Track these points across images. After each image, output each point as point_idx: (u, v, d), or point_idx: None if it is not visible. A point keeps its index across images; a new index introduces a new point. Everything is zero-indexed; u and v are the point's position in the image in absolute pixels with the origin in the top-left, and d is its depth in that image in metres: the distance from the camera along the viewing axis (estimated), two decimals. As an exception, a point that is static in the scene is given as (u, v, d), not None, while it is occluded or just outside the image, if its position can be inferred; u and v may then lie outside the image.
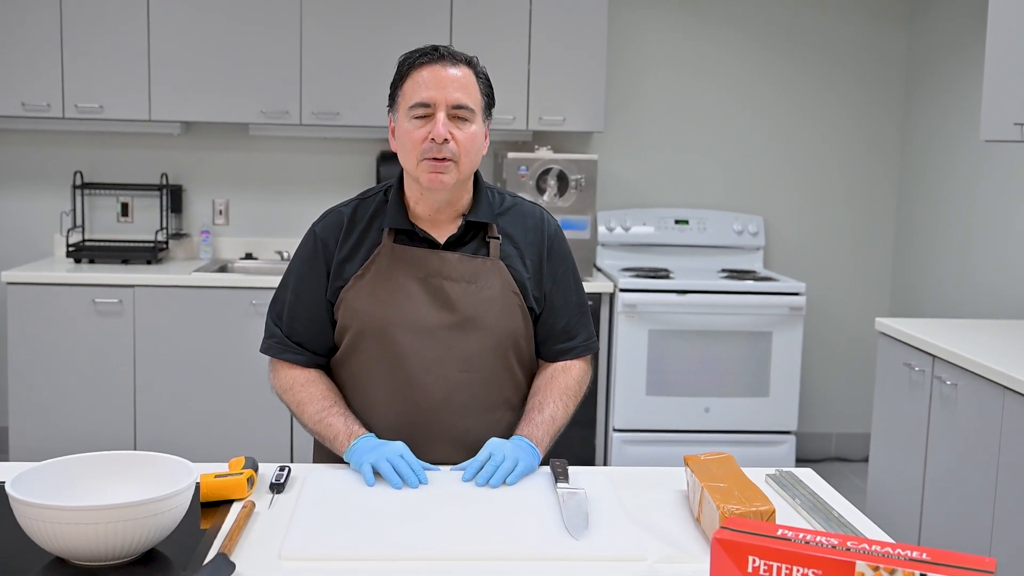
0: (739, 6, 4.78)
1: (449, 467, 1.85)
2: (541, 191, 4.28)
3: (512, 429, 1.95)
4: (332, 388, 1.98)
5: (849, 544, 1.23)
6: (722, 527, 1.29)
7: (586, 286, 2.09)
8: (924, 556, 1.20)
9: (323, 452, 1.98)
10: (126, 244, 4.59)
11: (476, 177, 1.98)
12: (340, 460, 1.89)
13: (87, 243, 4.58)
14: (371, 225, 1.96)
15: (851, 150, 4.90)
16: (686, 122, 4.83)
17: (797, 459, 4.70)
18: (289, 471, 1.81)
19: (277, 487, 1.75)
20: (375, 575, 1.44)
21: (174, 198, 4.63)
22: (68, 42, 4.23)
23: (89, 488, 1.55)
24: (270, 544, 1.53)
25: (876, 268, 4.96)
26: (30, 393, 4.13)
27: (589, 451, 4.34)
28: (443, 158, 1.83)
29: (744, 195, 4.88)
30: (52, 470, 1.55)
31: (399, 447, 1.82)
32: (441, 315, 1.91)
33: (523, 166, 4.27)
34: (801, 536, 1.25)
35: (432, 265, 1.92)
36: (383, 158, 4.54)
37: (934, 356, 3.17)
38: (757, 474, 1.87)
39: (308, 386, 1.96)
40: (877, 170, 4.91)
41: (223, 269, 4.51)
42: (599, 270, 4.61)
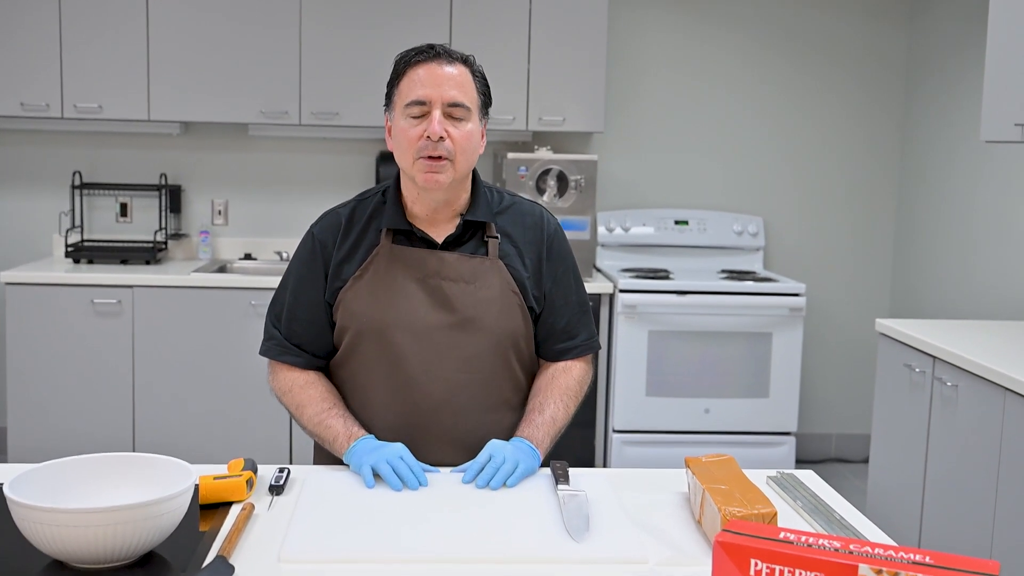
0: (739, 6, 4.78)
1: (449, 469, 1.84)
2: (541, 191, 4.28)
3: (512, 430, 1.94)
4: (331, 390, 1.97)
5: (852, 547, 1.22)
6: (724, 530, 1.28)
7: (586, 287, 2.08)
8: (927, 559, 1.20)
9: (323, 454, 1.98)
10: (125, 244, 4.59)
11: (474, 176, 1.97)
12: (340, 462, 1.88)
13: (86, 243, 4.57)
14: (369, 226, 1.95)
15: (851, 150, 4.89)
16: (686, 122, 4.83)
17: (797, 460, 4.70)
18: (288, 473, 1.81)
19: (276, 489, 1.74)
20: (375, 578, 1.43)
21: (173, 198, 4.63)
22: (67, 42, 4.23)
23: (87, 490, 1.54)
24: (269, 546, 1.52)
25: (876, 269, 4.95)
26: (29, 393, 4.12)
27: (589, 452, 4.34)
28: (439, 156, 1.83)
29: (744, 196, 4.87)
30: (50, 472, 1.54)
31: (399, 449, 1.81)
32: (440, 315, 1.91)
33: (523, 166, 4.27)
34: (803, 539, 1.24)
35: (430, 265, 1.92)
36: (382, 158, 4.54)
37: (935, 357, 3.17)
38: (758, 476, 1.87)
39: (307, 388, 1.96)
40: (877, 171, 4.91)
41: (222, 269, 4.50)
42: (599, 271, 4.61)
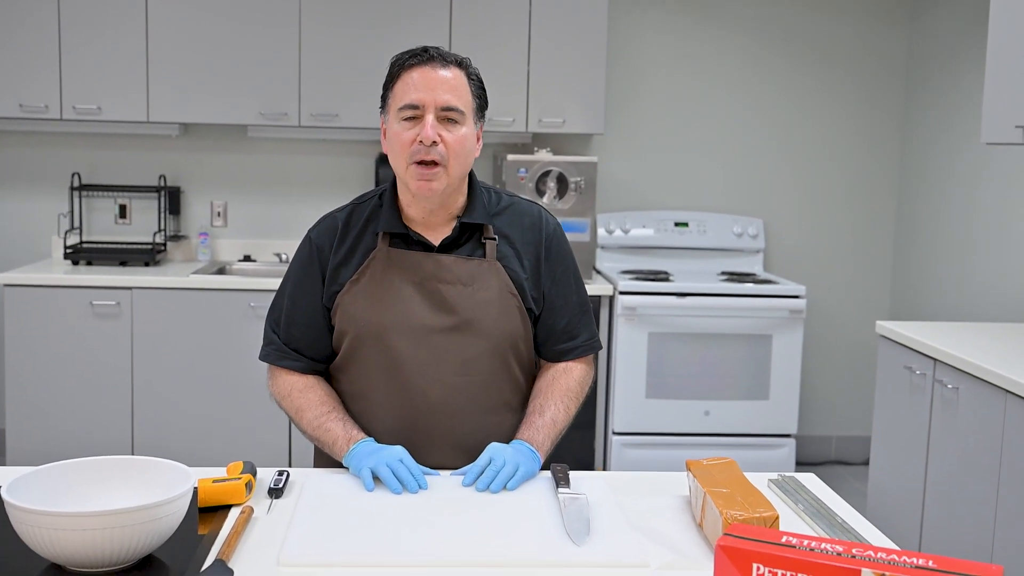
0: (739, 8, 4.78)
1: (449, 472, 1.84)
2: (541, 193, 4.27)
3: (513, 432, 1.93)
4: (330, 393, 1.97)
5: (854, 551, 1.22)
6: (726, 534, 1.27)
7: (586, 289, 2.07)
8: (930, 564, 1.19)
9: (323, 457, 1.97)
10: (124, 246, 4.58)
11: (470, 178, 1.96)
12: (340, 465, 1.87)
13: (85, 245, 4.56)
14: (366, 229, 1.95)
15: (851, 152, 4.89)
16: (686, 124, 4.82)
17: (797, 462, 4.69)
18: (288, 476, 1.80)
19: (276, 492, 1.73)
20: (375, 581, 1.43)
21: (172, 200, 4.62)
22: (66, 43, 4.22)
23: (86, 493, 1.54)
24: (268, 550, 1.52)
25: (876, 271, 4.95)
26: (27, 395, 4.11)
27: (588, 454, 4.33)
28: (432, 161, 1.82)
29: (744, 197, 4.87)
30: (48, 475, 1.54)
31: (398, 451, 1.81)
32: (438, 318, 1.90)
33: (522, 168, 4.26)
34: (806, 543, 1.24)
35: (427, 268, 1.91)
36: (382, 160, 4.53)
37: (935, 359, 3.16)
38: (759, 479, 1.86)
39: (306, 392, 1.95)
40: (877, 172, 4.91)
41: (221, 271, 4.50)
42: (599, 272, 4.60)
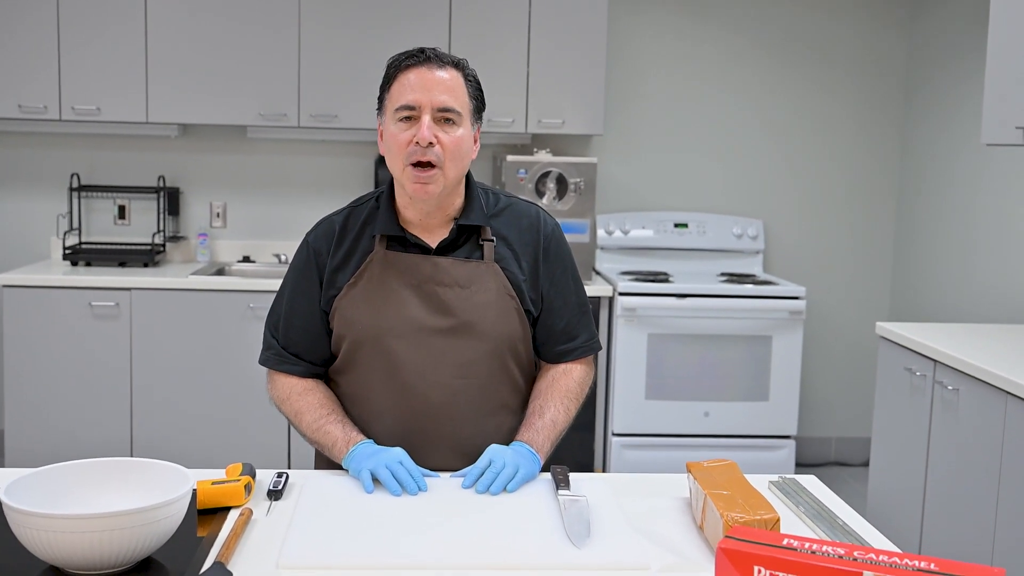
0: (739, 10, 4.77)
1: (449, 474, 1.83)
2: (540, 194, 4.27)
3: (512, 434, 1.93)
4: (330, 396, 1.96)
5: (856, 554, 1.21)
6: (727, 536, 1.27)
7: (585, 290, 2.07)
8: (932, 567, 1.19)
9: (324, 460, 1.97)
10: (123, 247, 4.57)
11: (468, 179, 1.95)
12: (341, 467, 1.87)
13: (84, 246, 4.56)
14: (363, 232, 1.94)
15: (851, 153, 4.88)
16: (686, 125, 4.82)
17: (797, 464, 4.68)
18: (287, 477, 1.80)
19: (275, 494, 1.73)
20: (374, 584, 1.42)
21: (171, 201, 4.61)
22: (65, 44, 4.22)
23: (84, 495, 1.53)
24: (268, 552, 1.51)
25: (876, 272, 4.95)
26: (26, 397, 4.11)
27: (588, 455, 4.33)
28: (428, 163, 1.81)
29: (744, 198, 4.86)
30: (47, 477, 1.53)
31: (398, 453, 1.80)
32: (435, 321, 1.89)
33: (522, 169, 4.26)
34: (807, 546, 1.23)
35: (424, 271, 1.90)
36: (381, 161, 4.52)
37: (935, 361, 3.16)
38: (760, 481, 1.86)
39: (305, 395, 1.95)
40: (877, 174, 4.90)
41: (220, 272, 4.49)
42: (598, 274, 4.60)
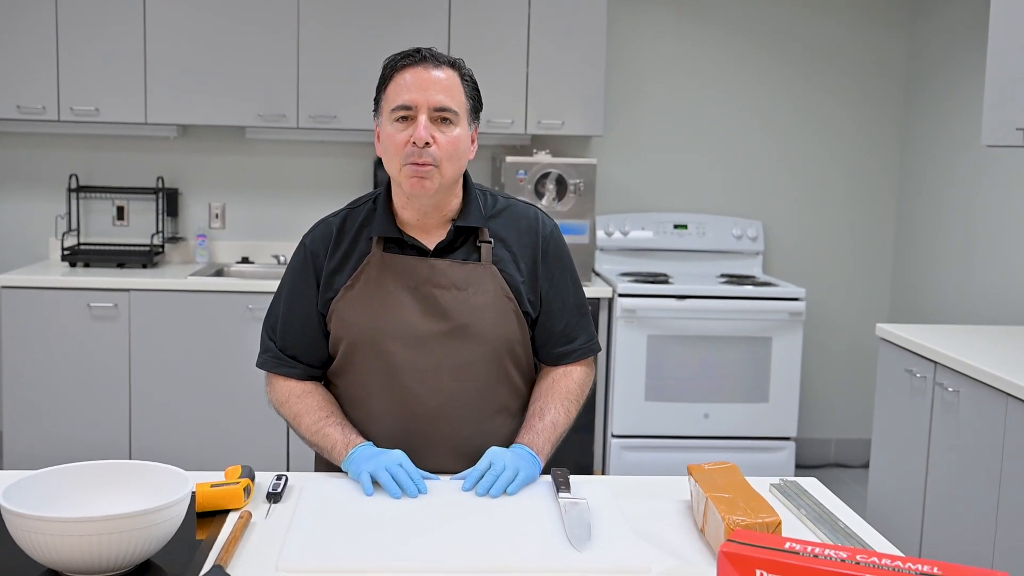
0: (739, 11, 4.77)
1: (449, 476, 1.83)
2: (540, 195, 4.26)
3: (512, 436, 1.92)
4: (329, 399, 1.95)
5: (859, 558, 1.21)
6: (729, 540, 1.26)
7: (585, 291, 2.06)
8: (936, 571, 1.18)
9: (324, 463, 1.96)
10: (121, 248, 4.57)
11: (466, 180, 1.94)
12: (340, 469, 1.86)
13: (82, 247, 4.55)
14: (360, 234, 1.93)
15: (851, 155, 4.88)
16: (685, 126, 4.81)
17: (796, 465, 4.68)
18: (286, 480, 1.79)
19: (274, 496, 1.72)
20: (374, 588, 1.42)
21: (170, 201, 4.61)
22: (64, 44, 4.21)
23: (83, 498, 1.53)
24: (267, 555, 1.50)
25: (876, 273, 4.94)
26: (24, 398, 4.10)
27: (587, 457, 4.32)
28: (424, 162, 1.81)
29: (743, 200, 4.86)
30: (45, 480, 1.53)
31: (398, 456, 1.79)
32: (433, 324, 1.88)
33: (521, 170, 4.25)
34: (809, 549, 1.23)
35: (422, 273, 1.89)
36: (380, 161, 4.50)
37: (936, 363, 3.15)
38: (761, 483, 1.85)
39: (304, 398, 1.94)
40: (877, 175, 4.90)
41: (219, 273, 4.48)
42: (598, 275, 4.59)
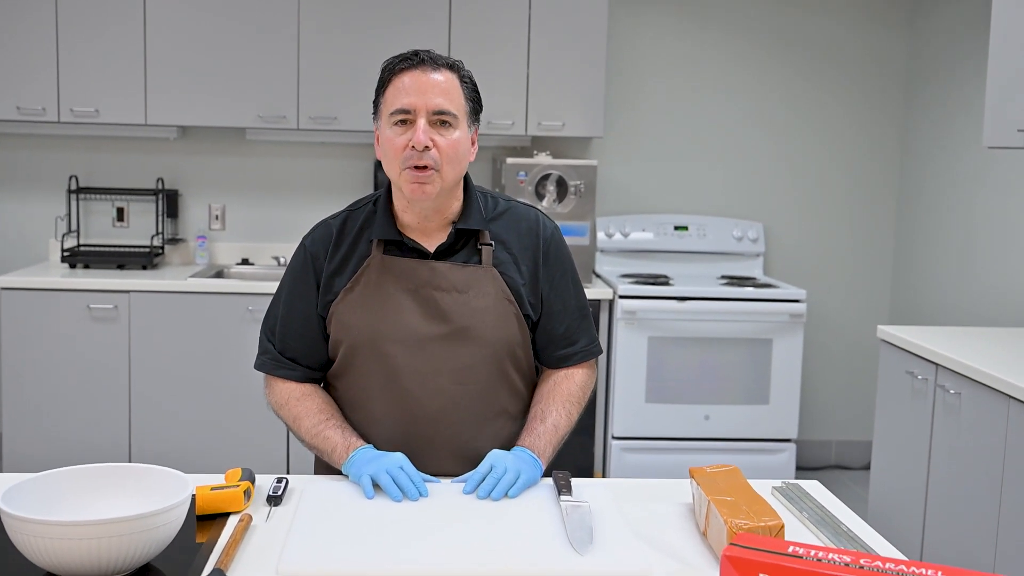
0: (739, 12, 4.76)
1: (450, 479, 1.82)
2: (540, 197, 4.26)
3: (513, 439, 1.91)
4: (328, 401, 1.94)
5: (862, 562, 1.20)
6: (731, 544, 1.26)
7: (585, 293, 2.05)
8: (939, 575, 1.17)
9: (324, 466, 1.95)
10: (121, 249, 4.56)
11: (466, 182, 1.94)
12: (341, 472, 1.85)
13: (82, 248, 4.54)
14: (360, 236, 1.92)
15: (852, 156, 4.87)
16: (686, 128, 4.81)
17: (797, 467, 4.67)
18: (287, 483, 1.78)
19: (274, 499, 1.72)
20: (375, 591, 1.41)
21: (170, 203, 4.60)
22: (63, 45, 4.20)
23: (82, 501, 1.52)
24: (267, 558, 1.50)
25: (877, 275, 4.94)
26: (24, 400, 4.09)
27: (588, 459, 4.31)
28: (424, 166, 1.80)
29: (744, 201, 4.85)
30: (45, 483, 1.52)
31: (399, 458, 1.79)
32: (433, 326, 1.87)
33: (522, 171, 4.25)
34: (813, 553, 1.22)
35: (422, 276, 1.88)
36: (381, 163, 4.51)
37: (937, 364, 3.14)
38: (763, 486, 1.84)
39: (303, 400, 1.93)
40: (878, 176, 4.89)
41: (219, 275, 4.48)
42: (598, 276, 4.59)
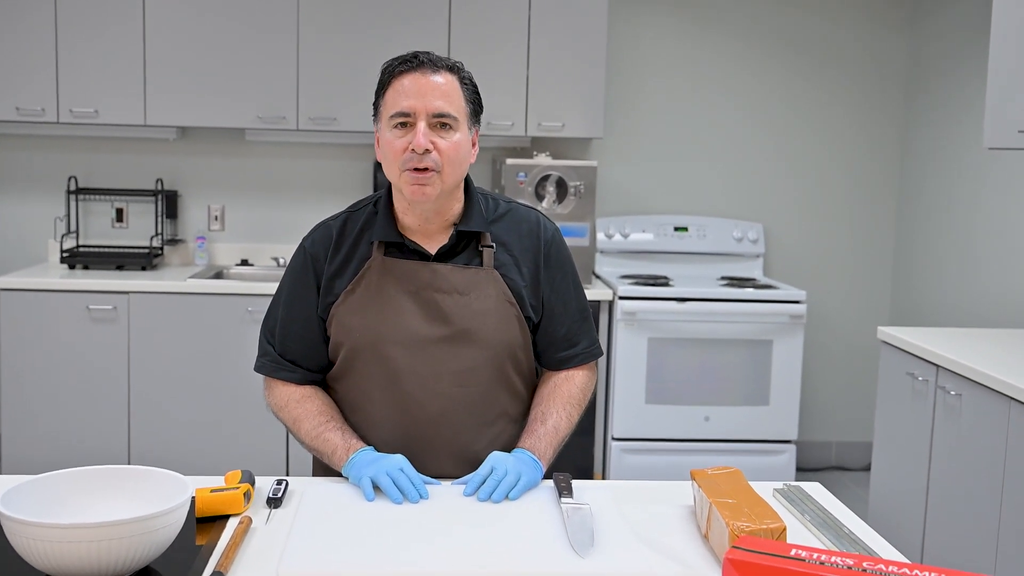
0: (739, 13, 4.76)
1: (450, 481, 1.81)
2: (540, 197, 4.25)
3: (513, 441, 1.91)
4: (328, 403, 1.94)
5: (865, 565, 1.20)
6: (733, 547, 1.26)
7: (586, 293, 2.05)
8: (943, 578, 1.17)
9: (321, 468, 1.95)
10: (121, 250, 4.56)
11: (467, 184, 1.93)
12: (340, 474, 1.85)
13: (81, 249, 4.54)
14: (361, 238, 1.92)
15: (852, 157, 4.87)
16: (686, 128, 4.80)
17: (797, 468, 4.67)
18: (287, 485, 1.78)
19: (274, 502, 1.71)
20: (375, 594, 1.41)
21: (169, 204, 4.59)
22: (63, 46, 4.20)
23: (82, 504, 1.52)
24: (267, 561, 1.49)
25: (877, 276, 4.93)
26: (23, 401, 4.09)
27: (588, 460, 4.31)
28: (424, 168, 1.79)
29: (744, 202, 4.85)
30: (44, 485, 1.52)
31: (399, 460, 1.78)
32: (434, 329, 1.87)
33: (522, 172, 4.24)
34: (815, 556, 1.22)
35: (423, 278, 1.88)
36: (380, 164, 4.51)
37: (938, 366, 3.14)
38: (765, 488, 1.84)
39: (303, 402, 1.92)
40: (878, 177, 4.89)
41: (219, 275, 4.47)
42: (598, 277, 4.58)
